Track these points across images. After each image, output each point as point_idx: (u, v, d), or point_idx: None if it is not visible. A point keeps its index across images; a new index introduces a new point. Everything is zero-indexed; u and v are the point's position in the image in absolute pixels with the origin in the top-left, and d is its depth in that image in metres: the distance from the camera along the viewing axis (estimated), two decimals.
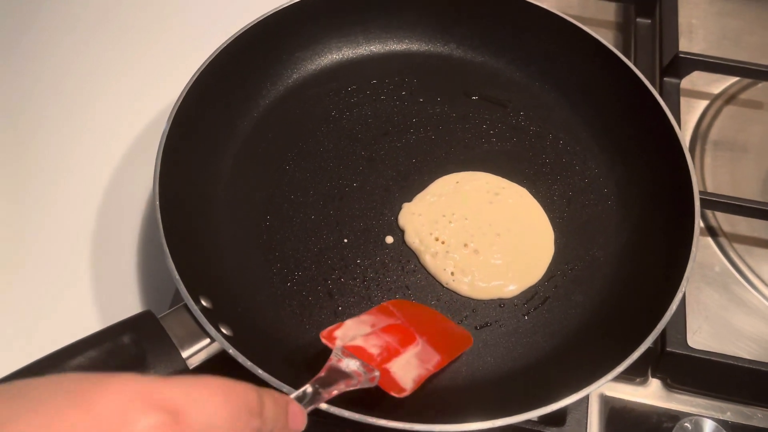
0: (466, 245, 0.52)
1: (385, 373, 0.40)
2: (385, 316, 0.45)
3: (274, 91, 0.61)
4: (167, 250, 0.45)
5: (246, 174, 0.56)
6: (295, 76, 0.62)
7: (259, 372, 0.41)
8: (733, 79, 0.69)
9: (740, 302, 0.55)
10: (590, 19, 0.74)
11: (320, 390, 0.37)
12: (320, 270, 0.52)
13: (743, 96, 0.68)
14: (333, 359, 0.39)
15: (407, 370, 0.42)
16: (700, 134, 0.66)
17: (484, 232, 0.53)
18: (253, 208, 0.55)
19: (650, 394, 0.51)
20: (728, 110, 0.68)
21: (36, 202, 0.59)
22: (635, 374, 0.51)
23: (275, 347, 0.48)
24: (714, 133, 0.66)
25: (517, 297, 0.51)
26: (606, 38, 0.71)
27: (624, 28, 0.73)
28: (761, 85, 0.68)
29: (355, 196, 0.56)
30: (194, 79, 0.54)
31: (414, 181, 0.57)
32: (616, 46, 0.71)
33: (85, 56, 0.69)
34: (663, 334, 0.49)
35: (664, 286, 0.46)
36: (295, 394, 0.36)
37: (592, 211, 0.56)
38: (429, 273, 0.52)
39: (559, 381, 0.44)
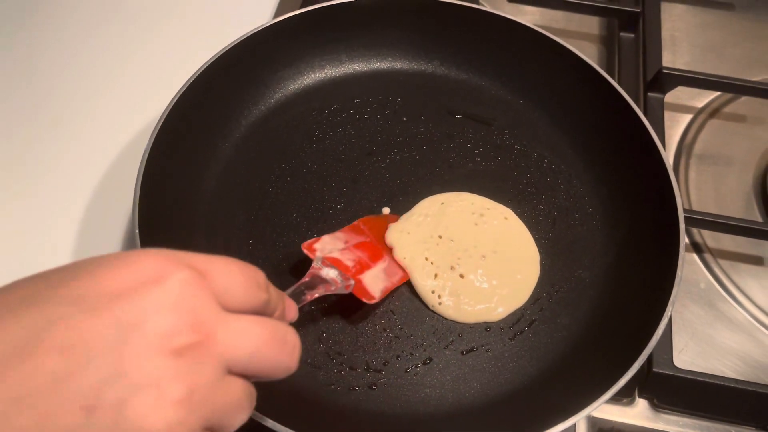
0: (452, 267, 0.52)
1: (359, 282, 0.47)
2: (356, 234, 0.50)
3: (256, 111, 0.60)
4: None
5: (228, 196, 0.56)
6: (277, 95, 0.61)
7: None
8: (717, 93, 0.69)
9: (726, 319, 0.56)
10: (574, 33, 0.74)
11: (305, 291, 0.42)
12: None
13: (727, 109, 0.69)
14: (314, 267, 0.45)
15: (376, 282, 0.48)
16: (684, 148, 0.66)
17: (470, 254, 0.53)
18: (235, 232, 0.54)
19: (637, 414, 0.51)
20: (712, 124, 0.68)
21: (13, 224, 0.58)
22: (622, 395, 0.51)
23: None
24: (698, 147, 0.66)
25: (503, 320, 0.51)
26: (590, 53, 0.71)
27: (608, 43, 0.73)
28: (744, 98, 0.68)
29: (340, 218, 0.55)
30: (175, 100, 0.53)
31: (399, 202, 0.56)
32: (600, 61, 0.72)
33: (63, 78, 0.68)
34: (649, 354, 0.48)
35: (650, 308, 0.46)
36: (288, 291, 0.41)
37: (578, 231, 0.55)
38: (415, 296, 0.52)
39: (546, 407, 0.44)
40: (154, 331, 0.26)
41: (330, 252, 0.47)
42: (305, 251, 0.47)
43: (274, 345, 0.30)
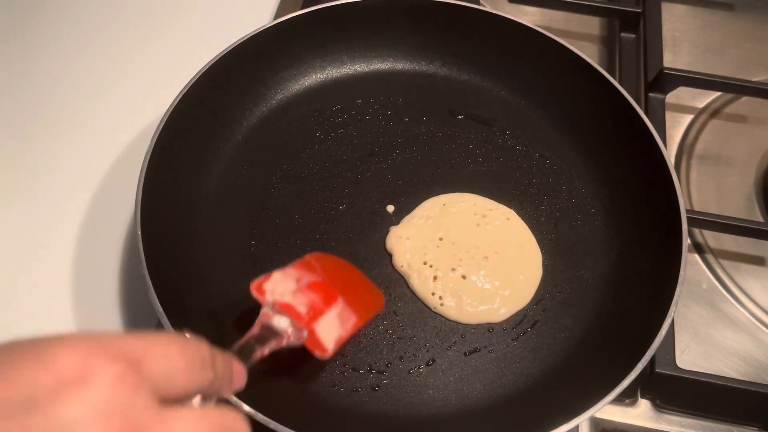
0: (454, 269, 0.52)
1: (312, 332, 0.42)
2: (307, 271, 0.46)
3: (258, 112, 0.60)
4: (150, 282, 0.44)
5: (230, 198, 0.56)
6: (279, 96, 0.61)
7: (245, 408, 0.40)
8: (718, 93, 0.69)
9: (728, 319, 0.56)
10: (575, 33, 0.74)
11: (255, 346, 0.38)
12: None
13: (728, 110, 0.69)
14: (264, 314, 0.41)
15: (329, 330, 0.43)
16: (685, 148, 0.66)
17: (472, 255, 0.53)
18: (237, 234, 0.54)
19: (640, 415, 0.51)
20: (713, 124, 0.68)
21: (14, 228, 0.58)
22: (625, 395, 0.51)
23: (260, 379, 0.47)
24: (699, 147, 0.66)
25: (506, 321, 0.51)
26: (591, 53, 0.71)
27: (609, 43, 0.73)
28: (745, 99, 0.68)
29: (341, 219, 0.55)
30: (176, 101, 0.53)
31: (401, 203, 0.56)
32: (601, 61, 0.72)
33: (65, 79, 0.68)
34: (652, 355, 0.48)
35: (653, 309, 0.46)
36: (235, 346, 0.37)
37: (580, 232, 0.55)
38: (417, 297, 0.52)
39: (549, 408, 0.44)
40: None
41: (281, 295, 0.42)
42: (254, 293, 0.42)
43: None
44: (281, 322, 0.41)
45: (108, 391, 0.24)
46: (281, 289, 0.43)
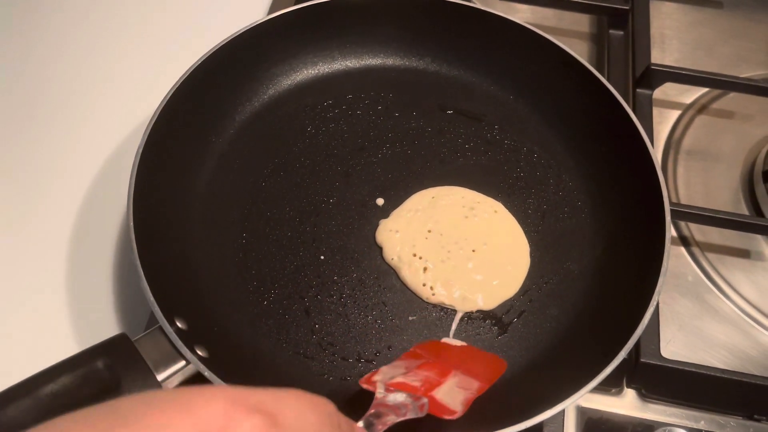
0: (443, 261, 0.53)
1: (432, 399, 0.41)
2: (415, 359, 0.45)
3: (250, 107, 0.61)
4: (142, 272, 0.45)
5: (222, 191, 0.56)
6: (270, 91, 0.62)
7: None
8: (705, 89, 0.70)
9: (713, 311, 0.56)
10: (565, 30, 0.75)
11: (374, 421, 0.38)
12: (297, 288, 0.52)
13: (715, 106, 0.69)
14: (378, 399, 0.40)
15: (453, 396, 0.42)
16: (672, 143, 0.67)
17: (461, 246, 0.53)
18: (229, 226, 0.55)
19: (625, 404, 0.52)
20: (700, 120, 0.69)
21: (7, 223, 0.59)
22: (610, 385, 0.52)
23: (251, 367, 0.48)
24: (686, 143, 0.67)
25: (493, 311, 0.52)
26: (580, 50, 0.72)
27: (598, 40, 0.74)
28: (732, 95, 0.69)
29: (332, 212, 0.56)
30: (168, 96, 0.54)
31: (390, 196, 0.57)
32: (590, 58, 0.73)
33: (55, 75, 0.69)
34: (637, 344, 0.49)
35: (636, 299, 0.47)
36: (360, 422, 0.37)
37: (567, 225, 0.56)
38: (407, 289, 0.52)
39: (535, 395, 0.45)
40: None
41: (392, 378, 0.41)
42: (365, 386, 0.41)
43: None
44: (397, 398, 0.40)
45: None
46: (391, 374, 0.42)
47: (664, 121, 0.68)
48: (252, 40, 0.59)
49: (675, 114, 0.69)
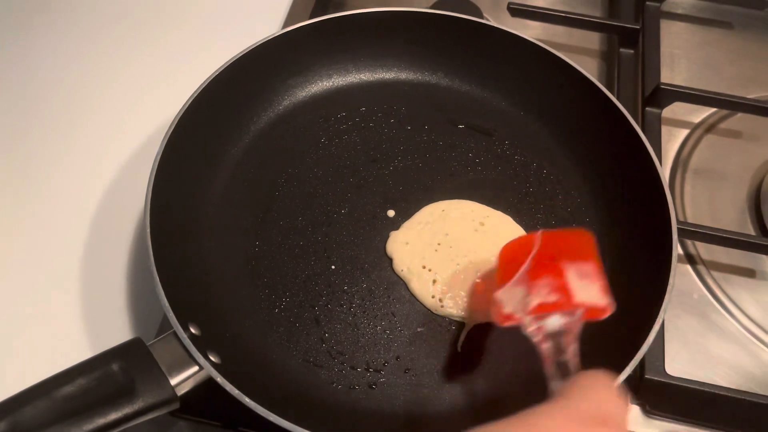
0: (452, 273, 0.53)
1: (579, 305, 0.38)
2: (513, 270, 0.41)
3: (265, 117, 0.62)
4: (157, 277, 0.46)
5: (236, 200, 0.57)
6: (285, 102, 0.63)
7: (246, 401, 0.42)
8: (714, 109, 0.70)
9: (718, 329, 0.57)
10: (575, 48, 0.76)
11: (561, 350, 0.35)
12: (307, 296, 0.53)
13: (723, 125, 0.70)
14: (533, 331, 0.37)
15: (588, 291, 0.38)
16: (680, 162, 0.67)
17: (470, 259, 0.54)
18: (242, 234, 0.56)
19: (630, 420, 0.52)
20: (708, 139, 0.69)
21: (24, 228, 0.60)
22: None
23: (262, 374, 0.48)
24: (694, 162, 0.68)
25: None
26: (590, 67, 0.73)
27: (608, 58, 0.75)
28: (740, 115, 0.70)
29: (343, 222, 0.57)
30: (187, 105, 0.55)
31: (401, 208, 0.58)
32: (600, 76, 0.74)
33: (78, 82, 0.70)
34: (642, 361, 0.50)
35: (642, 317, 0.48)
36: (548, 371, 0.36)
37: None
38: (416, 300, 0.53)
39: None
40: None
41: (524, 305, 0.38)
42: (505, 323, 0.39)
43: None
44: (553, 322, 0.37)
45: None
46: (515, 301, 0.39)
47: (672, 140, 0.69)
48: (269, 53, 0.60)
49: (683, 133, 0.69)
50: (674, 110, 0.68)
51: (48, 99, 0.68)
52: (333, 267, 0.54)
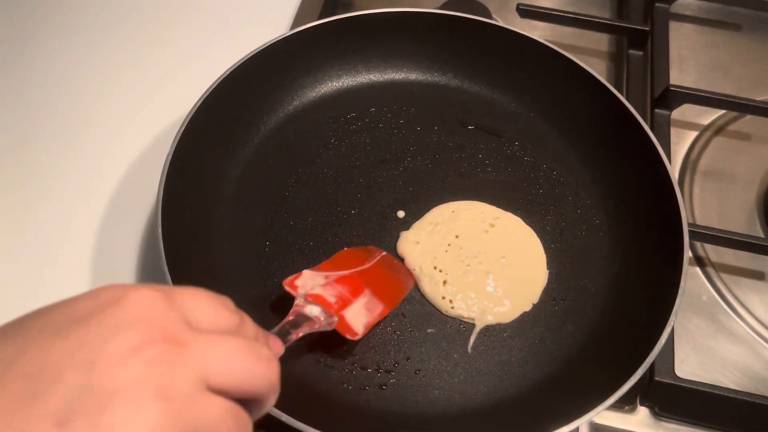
0: (463, 274, 0.53)
1: (341, 319, 0.46)
2: (335, 269, 0.50)
3: (275, 117, 0.62)
4: (169, 278, 0.46)
5: (246, 200, 0.57)
6: (295, 103, 0.63)
7: None
8: (723, 111, 0.70)
9: (727, 332, 0.57)
10: (584, 49, 0.76)
11: (290, 330, 0.42)
12: None
13: (732, 127, 0.70)
14: (298, 305, 0.45)
15: (358, 317, 0.48)
16: (689, 164, 0.68)
17: (480, 261, 0.54)
18: (252, 234, 0.56)
19: (638, 422, 0.52)
20: (717, 141, 0.69)
21: (34, 228, 0.60)
22: (624, 402, 0.53)
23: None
24: (703, 164, 0.68)
25: (510, 326, 0.52)
26: (599, 69, 0.73)
27: (617, 59, 0.75)
28: (749, 117, 0.70)
29: (353, 223, 0.57)
30: (198, 105, 0.55)
31: (411, 208, 0.58)
32: (609, 77, 0.74)
33: (89, 81, 0.70)
34: (651, 363, 0.50)
35: (653, 319, 0.48)
36: (272, 330, 0.40)
37: (584, 242, 0.57)
38: (426, 301, 0.53)
39: (550, 411, 0.46)
40: (122, 344, 0.26)
41: (312, 288, 0.47)
42: (287, 288, 0.47)
43: (249, 355, 0.29)
44: (313, 310, 0.45)
45: (145, 306, 0.27)
46: (311, 283, 0.47)
47: (681, 142, 0.69)
48: (279, 53, 0.60)
49: (692, 135, 0.69)
50: (683, 112, 0.68)
51: (59, 98, 0.68)
52: None
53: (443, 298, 0.52)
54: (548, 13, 0.73)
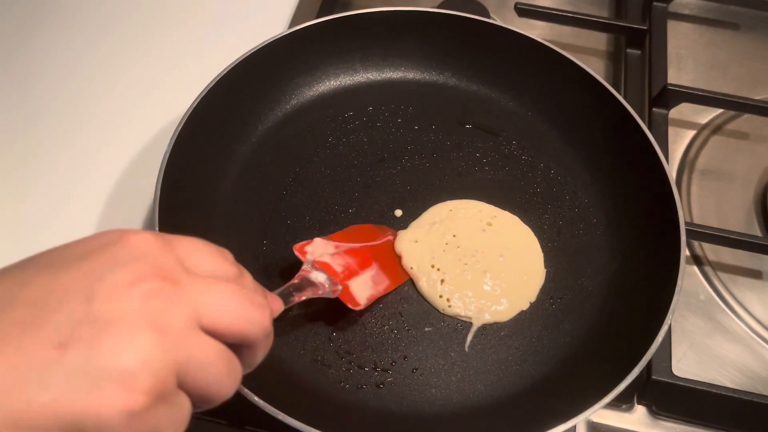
0: (460, 273, 0.53)
1: (346, 288, 0.48)
2: (346, 240, 0.51)
3: (273, 116, 0.62)
4: None
5: (244, 198, 0.57)
6: (293, 102, 0.63)
7: (255, 399, 0.42)
8: (720, 110, 0.70)
9: (724, 330, 0.57)
10: (582, 48, 0.76)
11: (293, 292, 0.43)
12: None
13: (729, 126, 0.70)
14: (304, 270, 0.46)
15: (363, 289, 0.49)
16: (687, 163, 0.68)
17: (478, 259, 0.54)
18: (250, 233, 0.56)
19: (636, 420, 0.52)
20: (715, 140, 0.69)
21: (31, 226, 0.60)
22: (621, 401, 0.53)
23: (270, 372, 0.48)
24: (701, 163, 0.68)
25: (507, 325, 0.52)
26: (597, 68, 0.73)
27: (615, 58, 0.75)
28: (747, 116, 0.70)
29: (351, 222, 0.57)
30: (195, 104, 0.55)
31: (408, 207, 0.58)
32: (607, 76, 0.74)
33: (87, 79, 0.70)
34: (649, 362, 0.50)
35: (650, 318, 0.48)
36: (276, 291, 0.41)
37: (582, 241, 0.57)
38: (423, 299, 0.53)
39: (547, 409, 0.46)
40: (120, 279, 0.27)
41: (320, 256, 0.48)
42: (296, 253, 0.48)
43: (243, 300, 0.30)
44: (318, 277, 0.46)
45: (143, 245, 0.29)
46: (321, 251, 0.48)
47: (679, 141, 0.69)
48: (276, 52, 0.60)
49: (690, 134, 0.69)
50: (681, 111, 0.68)
51: (56, 97, 0.68)
52: None
53: (440, 296, 0.52)
54: (546, 12, 0.73)
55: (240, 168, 0.59)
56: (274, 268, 0.54)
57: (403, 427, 0.47)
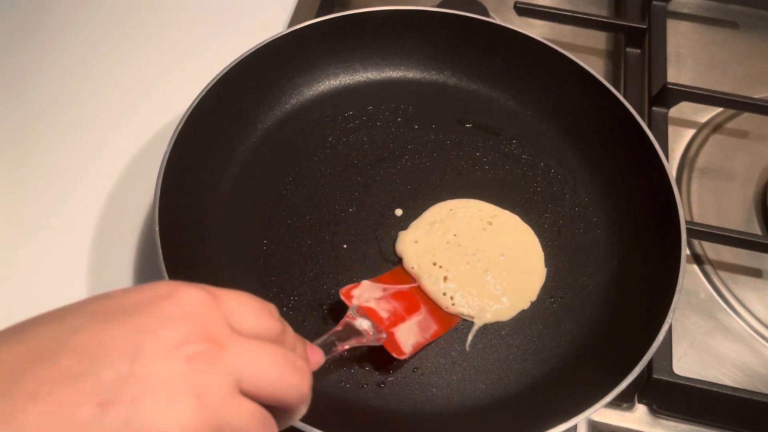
0: (461, 271, 0.53)
1: (391, 336, 0.46)
2: (395, 282, 0.49)
3: (272, 116, 0.62)
4: (166, 276, 0.46)
5: (244, 198, 0.57)
6: (293, 101, 0.63)
7: None
8: (720, 109, 0.70)
9: (725, 329, 0.57)
10: (582, 47, 0.76)
11: (336, 342, 0.42)
12: (315, 295, 0.53)
13: (729, 125, 0.70)
14: (349, 316, 0.44)
15: (408, 336, 0.47)
16: (687, 162, 0.68)
17: (478, 258, 0.54)
18: (250, 232, 0.56)
19: (636, 419, 0.53)
20: (715, 139, 0.69)
21: (30, 227, 0.60)
22: (622, 400, 0.53)
23: None
24: (701, 161, 0.68)
25: (508, 324, 0.52)
26: (597, 67, 0.73)
27: (615, 57, 0.75)
28: (746, 115, 0.70)
29: (351, 221, 0.57)
30: (195, 103, 0.55)
31: (409, 207, 0.58)
32: (607, 75, 0.74)
33: (86, 79, 0.70)
34: (649, 360, 0.50)
35: (651, 316, 0.48)
36: (318, 340, 0.40)
37: (582, 240, 0.57)
38: (427, 298, 0.53)
39: (548, 409, 0.46)
40: (167, 338, 0.28)
41: (366, 300, 0.47)
42: (342, 297, 0.46)
43: (284, 365, 0.30)
44: (363, 324, 0.45)
45: (192, 303, 0.29)
46: (367, 295, 0.47)
47: (679, 140, 0.69)
48: (276, 51, 0.60)
49: (690, 132, 0.69)
50: (680, 110, 0.69)
51: (56, 97, 0.68)
52: (341, 266, 0.54)
53: (444, 294, 0.52)
54: (546, 11, 0.73)
55: (240, 167, 0.59)
56: (273, 268, 0.54)
57: (403, 426, 0.47)
